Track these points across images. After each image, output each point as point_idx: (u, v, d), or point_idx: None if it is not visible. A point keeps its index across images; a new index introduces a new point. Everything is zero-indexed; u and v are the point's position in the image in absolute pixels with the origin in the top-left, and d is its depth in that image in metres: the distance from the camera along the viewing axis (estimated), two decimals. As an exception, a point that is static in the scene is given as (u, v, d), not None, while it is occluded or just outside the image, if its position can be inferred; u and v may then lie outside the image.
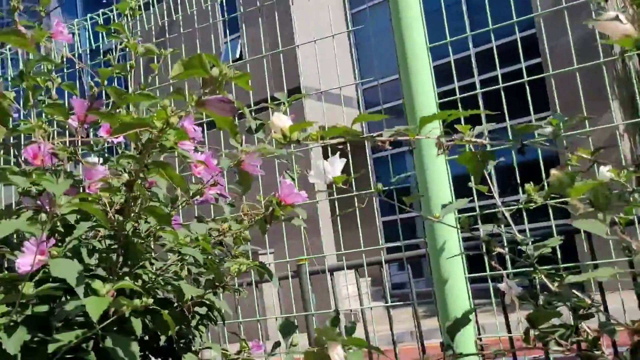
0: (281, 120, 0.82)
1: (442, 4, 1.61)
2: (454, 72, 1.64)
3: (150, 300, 0.91)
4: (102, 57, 2.11)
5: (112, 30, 1.41)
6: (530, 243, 0.96)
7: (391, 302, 2.51)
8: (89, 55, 2.25)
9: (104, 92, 1.44)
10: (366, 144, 1.31)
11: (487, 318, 2.24)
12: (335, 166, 0.92)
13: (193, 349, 1.26)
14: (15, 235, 1.07)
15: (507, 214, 0.99)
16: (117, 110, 1.31)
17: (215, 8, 2.45)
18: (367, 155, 2.37)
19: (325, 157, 1.07)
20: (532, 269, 0.91)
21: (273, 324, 2.92)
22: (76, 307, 0.86)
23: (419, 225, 8.97)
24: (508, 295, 0.97)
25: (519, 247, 1.00)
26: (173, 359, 1.22)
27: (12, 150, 2.04)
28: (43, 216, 0.79)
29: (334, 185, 1.04)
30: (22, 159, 1.47)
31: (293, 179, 1.38)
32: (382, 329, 2.56)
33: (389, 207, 8.22)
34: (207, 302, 1.24)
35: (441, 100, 1.49)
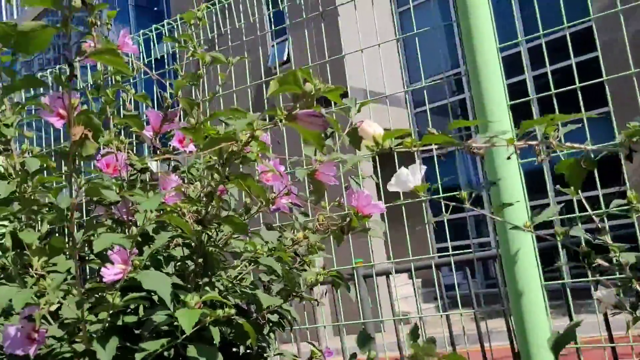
0: (373, 127, 0.80)
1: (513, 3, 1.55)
2: (525, 65, 1.59)
3: (233, 311, 0.92)
4: (167, 66, 2.16)
5: (180, 41, 1.43)
6: (623, 251, 0.90)
7: (442, 304, 2.46)
8: (154, 66, 2.31)
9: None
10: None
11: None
12: (416, 174, 0.89)
13: (265, 355, 1.26)
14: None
15: (596, 219, 0.94)
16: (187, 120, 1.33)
17: (259, 10, 2.46)
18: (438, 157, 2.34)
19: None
20: (630, 277, 0.86)
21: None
22: (165, 318, 0.87)
23: (470, 226, 8.79)
24: (603, 305, 0.92)
25: (610, 253, 0.95)
26: (247, 366, 1.23)
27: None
28: (134, 229, 0.80)
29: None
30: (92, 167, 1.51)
31: (359, 184, 1.37)
32: (435, 332, 2.52)
33: (437, 207, 8.09)
34: (279, 309, 1.24)
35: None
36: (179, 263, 1.19)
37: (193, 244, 1.13)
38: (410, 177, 0.89)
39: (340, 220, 1.08)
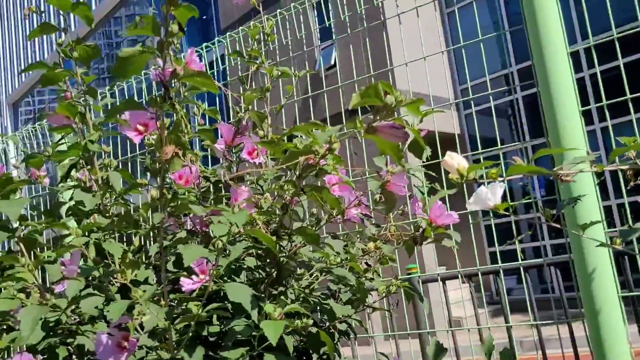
0: (456, 160, 0.80)
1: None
2: (584, 64, 1.54)
3: (311, 321, 0.93)
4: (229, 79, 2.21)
5: (243, 55, 1.47)
6: None
7: (495, 309, 2.40)
8: (216, 78, 2.38)
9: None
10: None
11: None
12: (496, 193, 0.88)
13: (334, 364, 1.27)
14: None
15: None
16: (256, 131, 1.36)
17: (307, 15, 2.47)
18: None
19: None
20: None
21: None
22: (246, 328, 0.90)
23: (524, 230, 8.54)
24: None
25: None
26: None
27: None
28: (219, 243, 0.83)
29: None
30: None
31: (423, 194, 1.36)
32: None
33: (487, 212, 7.87)
34: (348, 319, 1.25)
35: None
36: (248, 272, 1.22)
37: (264, 254, 1.16)
38: (490, 195, 0.88)
39: (413, 230, 1.08)
